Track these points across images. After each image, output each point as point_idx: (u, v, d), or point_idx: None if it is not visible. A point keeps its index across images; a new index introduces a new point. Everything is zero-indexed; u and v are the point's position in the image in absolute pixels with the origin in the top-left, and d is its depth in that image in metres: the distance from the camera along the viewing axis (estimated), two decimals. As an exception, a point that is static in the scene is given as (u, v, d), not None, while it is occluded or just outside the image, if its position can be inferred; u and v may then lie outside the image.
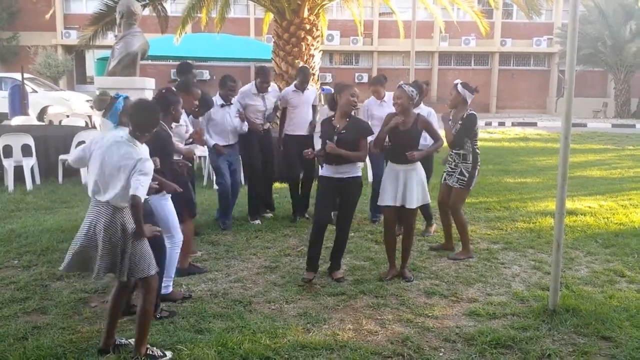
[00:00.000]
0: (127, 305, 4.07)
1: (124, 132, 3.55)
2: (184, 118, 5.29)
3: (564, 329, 4.10)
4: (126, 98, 3.82)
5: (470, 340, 3.93)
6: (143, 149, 3.54)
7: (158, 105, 3.90)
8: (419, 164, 5.18)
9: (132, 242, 3.47)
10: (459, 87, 5.72)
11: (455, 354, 3.76)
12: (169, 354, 3.64)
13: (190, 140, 5.36)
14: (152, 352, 3.59)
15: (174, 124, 4.86)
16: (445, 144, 5.53)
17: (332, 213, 5.29)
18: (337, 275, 5.18)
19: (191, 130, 5.49)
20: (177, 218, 4.56)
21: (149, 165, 3.47)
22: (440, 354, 3.76)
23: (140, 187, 3.37)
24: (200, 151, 5.85)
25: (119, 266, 3.47)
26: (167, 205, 4.43)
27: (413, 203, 5.12)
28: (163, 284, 4.54)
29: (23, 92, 15.10)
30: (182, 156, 5.00)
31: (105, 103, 3.67)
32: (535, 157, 13.73)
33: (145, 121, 3.56)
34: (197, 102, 5.49)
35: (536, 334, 4.02)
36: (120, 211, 3.45)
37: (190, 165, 5.27)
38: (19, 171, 9.08)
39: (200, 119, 6.66)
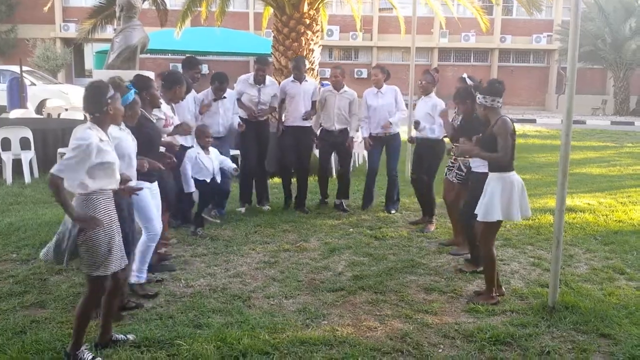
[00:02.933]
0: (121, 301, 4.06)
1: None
2: (164, 111, 5.20)
3: (563, 326, 4.10)
4: (137, 93, 3.80)
5: (470, 337, 3.93)
6: (89, 133, 3.32)
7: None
8: (492, 174, 4.52)
9: (80, 233, 3.32)
10: (467, 80, 5.72)
11: (454, 350, 3.76)
12: None
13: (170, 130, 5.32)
14: (83, 355, 3.45)
15: (155, 112, 4.80)
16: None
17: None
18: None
19: (176, 121, 5.45)
20: (154, 210, 4.49)
21: (76, 144, 3.25)
22: (440, 350, 3.76)
23: (60, 164, 3.22)
24: (183, 140, 5.87)
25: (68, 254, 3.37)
26: (144, 195, 4.32)
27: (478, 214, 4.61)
28: (134, 273, 4.48)
29: (21, 85, 15.04)
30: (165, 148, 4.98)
31: (117, 87, 3.60)
32: (534, 153, 13.73)
33: (88, 101, 3.43)
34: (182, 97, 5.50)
35: (535, 331, 4.02)
36: (78, 199, 3.35)
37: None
38: (17, 164, 9.05)
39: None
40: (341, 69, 7.35)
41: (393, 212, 7.35)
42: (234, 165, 6.48)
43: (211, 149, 6.31)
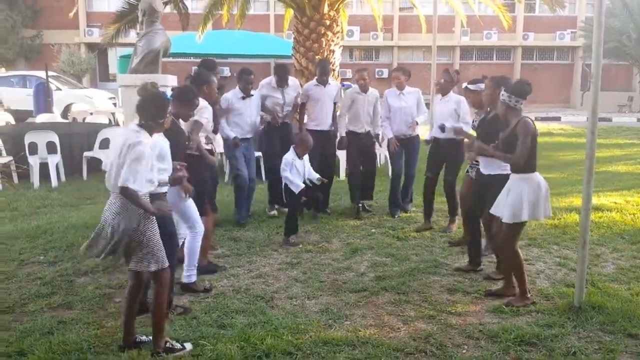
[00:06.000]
0: (141, 303, 4.10)
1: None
2: (207, 115, 5.22)
3: (589, 327, 4.04)
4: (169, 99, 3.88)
5: (494, 338, 3.90)
6: (143, 137, 3.48)
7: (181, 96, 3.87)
8: (515, 175, 4.49)
9: (140, 232, 3.44)
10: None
11: (478, 351, 3.72)
12: (188, 346, 3.68)
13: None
14: (172, 345, 3.62)
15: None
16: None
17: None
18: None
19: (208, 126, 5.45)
20: (196, 208, 4.60)
21: (140, 150, 3.38)
22: (464, 351, 3.73)
23: (130, 177, 3.34)
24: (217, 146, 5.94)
25: (128, 255, 3.51)
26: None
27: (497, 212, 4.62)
28: (185, 273, 4.62)
29: (47, 90, 15.30)
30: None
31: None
32: (559, 152, 13.53)
33: (150, 110, 3.56)
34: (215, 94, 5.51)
35: (561, 332, 3.97)
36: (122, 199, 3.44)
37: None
38: (44, 168, 9.22)
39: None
40: (368, 71, 7.32)
41: (407, 210, 7.37)
42: (318, 176, 6.36)
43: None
